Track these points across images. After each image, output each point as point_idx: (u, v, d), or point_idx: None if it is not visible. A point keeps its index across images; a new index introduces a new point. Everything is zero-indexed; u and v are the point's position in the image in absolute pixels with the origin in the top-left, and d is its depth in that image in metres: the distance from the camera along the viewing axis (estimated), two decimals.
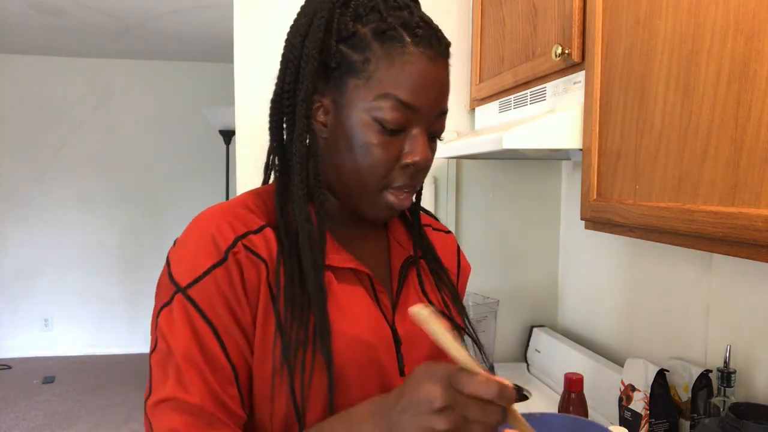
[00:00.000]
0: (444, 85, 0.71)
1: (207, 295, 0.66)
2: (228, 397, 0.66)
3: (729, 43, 0.77)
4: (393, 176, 0.71)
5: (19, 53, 4.66)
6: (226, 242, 0.67)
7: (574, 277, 1.87)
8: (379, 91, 0.67)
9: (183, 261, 0.68)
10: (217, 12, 3.49)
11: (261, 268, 0.69)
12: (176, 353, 0.65)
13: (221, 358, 0.66)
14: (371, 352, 0.72)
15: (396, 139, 0.69)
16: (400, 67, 0.67)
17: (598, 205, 1.09)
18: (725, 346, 1.13)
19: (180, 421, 0.63)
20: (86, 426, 3.54)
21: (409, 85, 0.67)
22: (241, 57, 1.73)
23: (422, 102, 0.68)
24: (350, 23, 0.68)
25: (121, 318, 4.88)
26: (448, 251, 0.93)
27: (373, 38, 0.68)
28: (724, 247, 0.80)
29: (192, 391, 0.64)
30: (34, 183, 4.79)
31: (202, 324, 0.65)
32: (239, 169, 1.74)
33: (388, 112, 0.67)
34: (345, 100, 0.69)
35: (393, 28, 0.67)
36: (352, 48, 0.68)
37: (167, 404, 0.64)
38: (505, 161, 1.90)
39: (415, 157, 0.70)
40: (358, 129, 0.69)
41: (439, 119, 0.72)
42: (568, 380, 1.14)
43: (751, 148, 0.74)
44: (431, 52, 0.68)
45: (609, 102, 1.05)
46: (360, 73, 0.68)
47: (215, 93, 4.79)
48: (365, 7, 0.69)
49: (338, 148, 0.71)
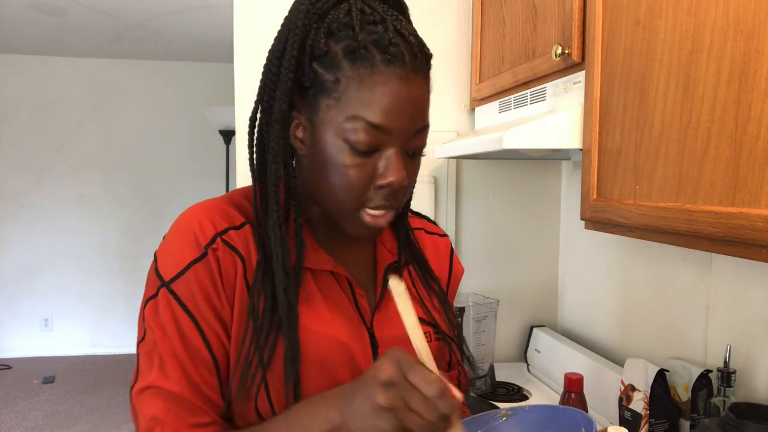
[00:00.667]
0: (418, 103, 0.69)
1: (188, 290, 0.69)
2: (208, 387, 0.69)
3: (729, 43, 0.77)
4: (368, 196, 0.70)
5: (19, 53, 4.66)
6: (206, 239, 0.70)
7: (574, 277, 1.87)
8: (348, 113, 0.66)
9: (167, 256, 0.71)
10: (217, 12, 3.49)
11: (237, 262, 0.71)
12: (159, 344, 0.68)
13: (202, 349, 0.69)
14: (345, 352, 0.74)
15: (369, 159, 0.68)
16: (370, 87, 0.65)
17: (598, 205, 1.09)
18: (725, 346, 1.13)
19: (161, 408, 0.67)
20: (86, 426, 3.54)
21: (379, 106, 0.65)
22: (241, 57, 1.73)
23: (394, 123, 0.66)
24: (323, 41, 0.67)
25: (121, 318, 4.88)
26: (440, 255, 0.93)
27: (344, 57, 0.66)
28: (724, 247, 0.80)
29: (173, 380, 0.67)
30: (34, 183, 4.79)
31: (184, 317, 0.68)
32: (239, 169, 1.74)
33: (358, 134, 0.66)
34: (318, 120, 0.69)
35: (364, 46, 0.65)
36: (324, 67, 0.67)
37: (150, 391, 0.68)
38: (505, 161, 1.90)
39: (389, 178, 0.68)
40: (331, 149, 0.68)
41: (416, 137, 0.70)
42: (568, 380, 1.14)
43: (751, 148, 0.74)
44: (403, 70, 0.66)
45: (609, 102, 1.05)
46: (331, 93, 0.67)
47: (215, 93, 4.78)
48: (339, 23, 0.67)
49: (315, 166, 0.71)
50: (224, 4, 2.63)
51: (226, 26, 2.18)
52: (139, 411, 0.68)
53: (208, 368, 0.69)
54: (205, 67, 4.90)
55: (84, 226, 4.86)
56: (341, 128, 0.67)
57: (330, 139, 0.68)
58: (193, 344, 0.68)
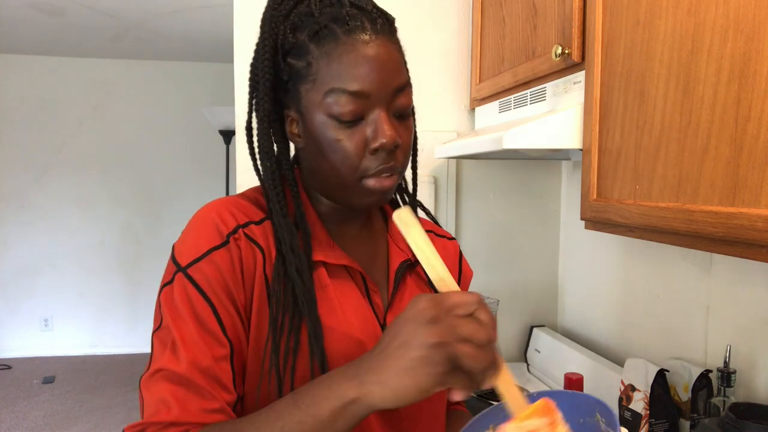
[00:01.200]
0: (389, 62, 0.70)
1: (206, 274, 0.68)
2: (221, 370, 0.67)
3: (729, 43, 0.77)
4: (366, 164, 0.71)
5: (19, 53, 4.66)
6: (228, 228, 0.71)
7: (574, 277, 1.87)
8: (325, 88, 0.69)
9: (185, 244, 0.71)
10: (217, 12, 3.49)
11: (258, 254, 0.72)
12: (173, 327, 0.67)
13: (219, 333, 0.68)
14: (361, 349, 0.73)
15: (358, 128, 0.70)
16: (338, 59, 0.68)
17: (598, 205, 1.09)
18: (725, 346, 1.13)
19: (168, 390, 0.65)
20: (86, 426, 3.54)
21: (351, 74, 0.68)
22: (241, 57, 1.73)
23: (369, 86, 0.68)
24: (290, 35, 0.71)
25: (121, 318, 4.88)
26: (449, 257, 0.93)
27: (309, 41, 0.70)
28: (724, 247, 0.80)
29: (183, 363, 0.66)
30: (34, 183, 4.79)
31: (199, 299, 0.68)
32: (239, 169, 1.74)
33: (339, 106, 0.68)
34: (303, 107, 0.72)
35: (325, 26, 0.69)
36: (296, 57, 0.71)
37: (159, 374, 0.66)
38: (505, 161, 1.90)
39: (381, 140, 0.69)
40: (321, 129, 0.70)
41: (398, 96, 0.71)
42: (568, 380, 1.14)
43: (751, 148, 0.74)
44: (365, 35, 0.69)
45: (609, 102, 1.05)
46: (306, 78, 0.70)
47: (215, 93, 4.78)
48: (301, 15, 0.71)
49: (312, 152, 0.73)
50: (224, 4, 2.63)
51: (226, 26, 2.18)
52: (146, 395, 0.67)
53: (224, 353, 0.68)
54: (205, 67, 4.90)
55: (84, 226, 4.86)
56: (323, 105, 0.69)
57: (317, 119, 0.70)
58: (209, 326, 0.67)
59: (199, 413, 0.65)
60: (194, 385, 0.66)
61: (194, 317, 0.67)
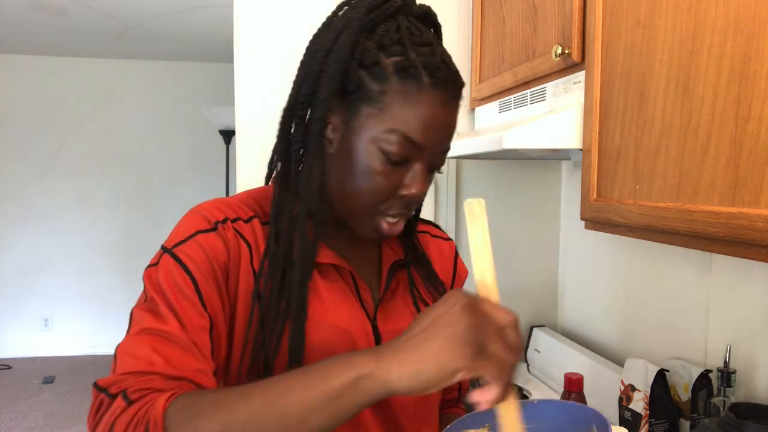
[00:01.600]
0: (452, 127, 0.73)
1: (190, 253, 0.69)
2: (201, 341, 0.67)
3: (729, 43, 0.77)
4: (389, 204, 0.73)
5: (19, 53, 4.66)
6: (216, 218, 0.73)
7: (574, 277, 1.87)
8: (390, 125, 0.69)
9: (173, 233, 0.72)
10: (217, 12, 3.48)
11: (244, 248, 0.73)
12: (156, 298, 0.67)
13: (198, 305, 0.68)
14: (347, 339, 0.75)
15: (397, 170, 0.71)
16: (415, 106, 0.69)
17: (598, 205, 1.09)
18: (725, 346, 1.13)
19: (149, 344, 0.63)
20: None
21: (420, 124, 0.69)
22: (241, 57, 1.73)
23: (429, 142, 0.70)
24: (374, 51, 0.69)
25: (121, 318, 4.87)
26: (444, 258, 0.94)
27: (394, 72, 0.69)
28: (724, 247, 0.80)
29: (168, 322, 0.65)
30: (34, 183, 4.78)
31: (182, 275, 0.68)
32: (239, 169, 1.74)
33: (395, 146, 0.69)
34: (355, 124, 0.71)
35: (414, 66, 0.68)
36: (372, 77, 0.69)
37: (144, 333, 0.65)
38: (505, 161, 1.90)
39: (413, 190, 0.72)
40: (364, 154, 0.71)
41: (440, 156, 0.74)
42: (568, 380, 1.14)
43: (751, 148, 0.74)
44: (446, 95, 0.70)
45: (609, 102, 1.05)
46: (374, 103, 0.69)
47: (215, 93, 4.78)
48: (390, 38, 0.70)
49: (341, 166, 0.73)
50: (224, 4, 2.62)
51: (226, 26, 2.17)
52: (121, 355, 0.64)
53: (203, 323, 0.67)
54: (205, 67, 4.90)
55: (84, 226, 4.86)
56: (379, 137, 0.69)
57: (364, 144, 0.70)
58: (191, 298, 0.67)
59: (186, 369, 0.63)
60: (181, 342, 0.64)
61: (177, 289, 0.67)
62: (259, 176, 0.83)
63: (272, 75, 1.72)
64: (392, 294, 0.82)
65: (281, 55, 1.72)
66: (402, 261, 0.84)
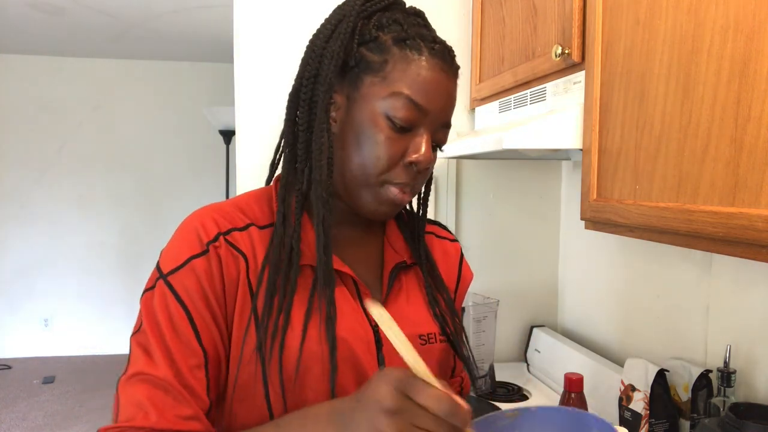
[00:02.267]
0: (452, 99, 0.76)
1: (185, 283, 0.70)
2: (195, 379, 0.69)
3: (729, 43, 0.77)
4: (395, 172, 0.74)
5: (19, 53, 4.66)
6: (208, 236, 0.72)
7: (574, 277, 1.87)
8: (393, 89, 0.71)
9: (168, 252, 0.73)
10: (217, 12, 3.49)
11: (240, 262, 0.73)
12: (149, 333, 0.69)
13: (193, 341, 0.69)
14: (345, 349, 0.74)
15: (403, 137, 0.73)
16: (416, 70, 0.72)
17: (598, 205, 1.09)
18: (725, 346, 1.13)
19: (146, 395, 0.67)
20: (86, 426, 3.54)
21: (422, 88, 0.72)
22: (241, 57, 1.73)
23: (432, 105, 0.72)
24: (373, 30, 0.74)
25: (121, 318, 4.88)
26: (450, 259, 0.93)
27: (393, 43, 0.73)
28: (724, 247, 0.80)
29: (160, 367, 0.67)
30: (34, 183, 4.79)
31: (177, 307, 0.69)
32: (239, 169, 1.74)
33: (400, 110, 0.71)
34: (359, 95, 0.73)
35: (412, 37, 0.73)
36: (372, 50, 0.73)
37: (137, 378, 0.68)
38: (505, 161, 1.90)
39: (419, 156, 0.73)
40: (369, 123, 0.72)
41: (442, 130, 0.76)
42: (568, 380, 1.14)
43: (751, 148, 0.74)
44: (445, 65, 0.74)
45: (609, 102, 1.05)
46: (377, 72, 0.72)
47: (215, 93, 4.78)
48: (388, 19, 0.74)
49: (346, 141, 0.75)
50: (224, 4, 2.63)
51: (226, 26, 2.18)
52: (123, 398, 0.68)
53: (198, 361, 0.69)
54: (205, 67, 4.90)
55: (84, 226, 4.86)
56: (384, 103, 0.72)
57: (369, 112, 0.72)
58: (184, 335, 0.69)
59: (175, 419, 0.66)
60: (171, 389, 0.67)
61: (170, 325, 0.69)
62: (259, 176, 0.82)
63: (272, 75, 1.72)
64: (395, 298, 0.81)
65: (281, 55, 1.72)
66: (404, 263, 0.84)
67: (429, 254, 0.87)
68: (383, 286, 0.81)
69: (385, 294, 0.81)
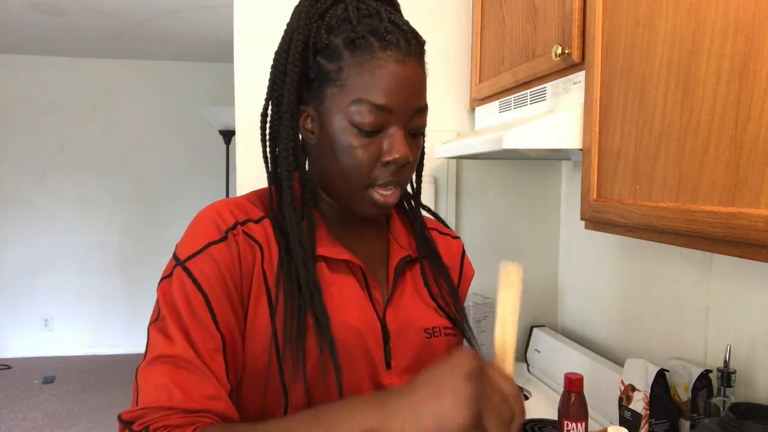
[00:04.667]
0: (416, 84, 0.74)
1: (203, 268, 0.70)
2: (215, 363, 0.68)
3: (729, 43, 0.77)
4: (376, 174, 0.74)
5: (19, 53, 4.66)
6: (227, 224, 0.73)
7: (574, 277, 1.87)
8: (353, 97, 0.71)
9: (185, 241, 0.73)
10: (217, 12, 3.48)
11: (256, 250, 0.74)
12: (168, 317, 0.68)
13: (211, 326, 0.69)
14: (359, 338, 0.75)
15: (375, 139, 0.73)
16: (370, 72, 0.71)
17: (598, 205, 1.09)
18: (725, 346, 1.13)
19: (168, 374, 0.66)
20: (86, 426, 3.54)
21: (380, 88, 0.71)
22: (241, 57, 1.73)
23: (395, 102, 0.71)
24: (324, 36, 0.73)
25: (121, 318, 4.88)
26: (452, 255, 0.94)
27: (344, 48, 0.72)
28: (724, 247, 0.80)
29: (180, 346, 0.67)
30: (34, 183, 4.79)
31: (195, 292, 0.69)
32: (239, 169, 1.74)
33: (363, 116, 0.71)
34: (324, 108, 0.74)
35: (362, 36, 0.71)
36: (327, 59, 0.73)
37: (157, 361, 0.67)
38: (505, 161, 1.90)
39: (395, 155, 0.72)
40: (339, 133, 0.73)
41: (416, 116, 0.75)
42: (568, 380, 1.14)
43: (751, 148, 0.74)
44: (399, 54, 0.71)
45: (609, 102, 1.05)
46: (335, 82, 0.72)
47: (215, 93, 4.78)
48: (338, 18, 0.73)
49: (324, 152, 0.76)
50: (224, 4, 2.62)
51: (226, 26, 2.18)
52: (142, 382, 0.66)
53: (216, 346, 0.69)
54: (205, 67, 4.90)
55: (84, 226, 4.86)
56: (347, 112, 0.72)
57: (337, 123, 0.73)
58: (203, 319, 0.68)
59: (202, 400, 0.65)
60: (194, 369, 0.66)
61: (189, 309, 0.68)
62: (259, 176, 0.83)
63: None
64: (401, 292, 0.82)
65: None
66: (409, 257, 0.84)
67: (434, 248, 0.88)
68: (389, 280, 0.82)
69: (390, 289, 0.81)
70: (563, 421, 1.12)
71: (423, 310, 0.83)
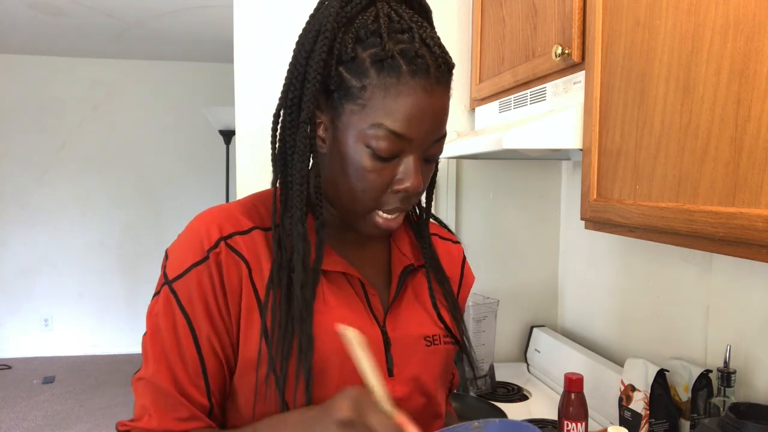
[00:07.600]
0: (441, 113, 0.71)
1: (187, 291, 0.71)
2: (194, 387, 0.72)
3: (729, 43, 0.77)
4: (384, 199, 0.72)
5: (19, 53, 4.66)
6: (210, 243, 0.72)
7: (574, 277, 1.87)
8: (373, 120, 0.68)
9: (174, 256, 0.74)
10: (217, 12, 3.48)
11: (242, 267, 0.73)
12: (150, 340, 0.73)
13: (192, 349, 0.71)
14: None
15: (389, 165, 0.70)
16: (395, 97, 0.67)
17: (598, 205, 1.09)
18: (725, 346, 1.13)
19: (149, 400, 0.71)
20: (86, 426, 3.54)
21: (403, 116, 0.67)
22: (241, 57, 1.73)
23: (415, 133, 0.68)
24: (351, 46, 0.68)
25: (121, 318, 4.88)
26: (453, 261, 0.93)
27: (371, 65, 0.67)
28: (724, 247, 0.80)
29: (161, 376, 0.71)
30: (35, 183, 4.79)
31: (179, 315, 0.71)
32: (239, 169, 1.74)
33: (381, 142, 0.68)
34: (341, 123, 0.70)
35: (391, 56, 0.67)
36: (351, 73, 0.68)
37: (143, 383, 0.72)
38: (505, 161, 1.90)
39: (406, 184, 0.70)
40: (352, 152, 0.70)
41: (434, 145, 0.72)
42: (568, 380, 1.14)
43: (751, 148, 0.74)
44: (428, 81, 0.68)
45: (609, 102, 1.05)
46: (356, 99, 0.68)
47: (215, 93, 4.78)
48: (367, 29, 0.68)
49: (334, 165, 0.73)
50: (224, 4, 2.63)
51: (226, 26, 2.18)
52: (135, 396, 0.74)
53: (195, 370, 0.71)
54: (205, 67, 4.90)
55: (84, 226, 4.86)
56: (364, 134, 0.68)
57: (352, 142, 0.70)
58: (184, 344, 0.71)
59: (174, 422, 0.71)
60: (171, 397, 0.71)
61: (173, 333, 0.71)
62: (258, 176, 0.83)
63: (272, 75, 1.72)
64: (401, 299, 0.81)
65: (281, 55, 1.72)
66: (412, 266, 0.83)
67: (435, 257, 0.87)
68: (391, 289, 0.81)
69: (392, 297, 0.81)
70: (563, 421, 1.12)
71: (423, 318, 0.82)
